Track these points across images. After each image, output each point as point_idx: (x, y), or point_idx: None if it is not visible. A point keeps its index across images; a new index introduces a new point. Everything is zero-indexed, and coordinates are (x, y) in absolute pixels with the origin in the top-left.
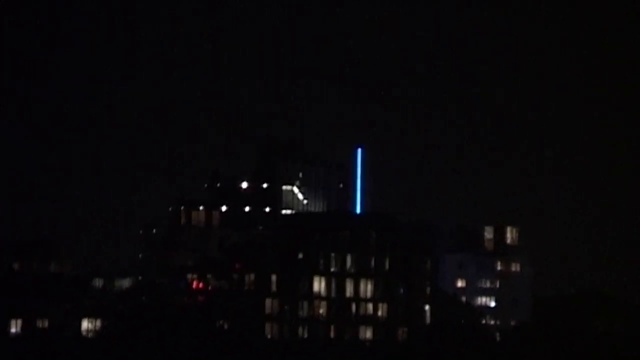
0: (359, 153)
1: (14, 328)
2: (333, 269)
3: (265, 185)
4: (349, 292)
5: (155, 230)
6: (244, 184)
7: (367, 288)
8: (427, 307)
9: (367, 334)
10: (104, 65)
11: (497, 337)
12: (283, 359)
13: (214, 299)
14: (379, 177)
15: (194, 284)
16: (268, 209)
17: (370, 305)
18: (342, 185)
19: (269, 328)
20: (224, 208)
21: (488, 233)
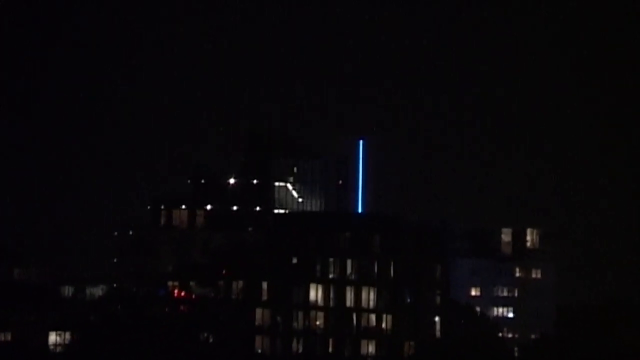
0: (361, 146)
1: None
2: (331, 276)
3: (255, 182)
4: (350, 301)
5: (132, 232)
6: (232, 180)
7: (369, 297)
8: (436, 318)
9: (369, 349)
10: (74, 57)
11: (515, 352)
12: None
13: (198, 309)
14: (383, 173)
15: (175, 293)
16: (258, 208)
17: (373, 317)
18: (341, 182)
19: (260, 342)
20: (209, 207)
21: (505, 236)
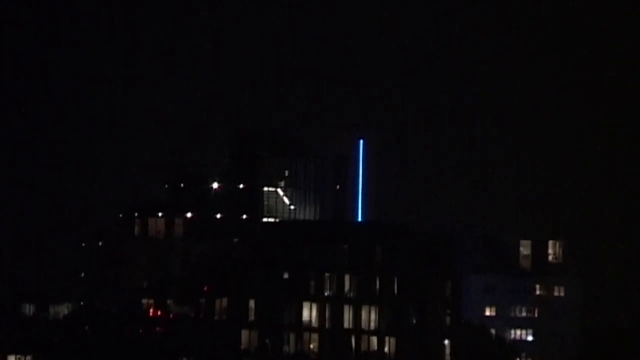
0: (361, 146)
1: None
2: (327, 293)
3: (242, 186)
4: (348, 322)
5: (101, 243)
6: (215, 184)
7: (370, 317)
8: (446, 341)
9: None
10: (39, 54)
11: None
12: None
13: (176, 330)
14: (386, 176)
15: (151, 311)
16: (245, 216)
17: (375, 339)
18: (339, 186)
19: None
20: (189, 214)
21: (524, 248)
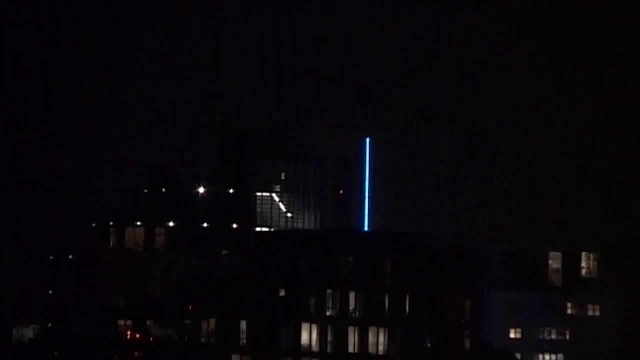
0: (367, 146)
1: None
2: (330, 313)
3: (232, 191)
4: (353, 346)
5: (72, 257)
6: (201, 189)
7: (378, 340)
8: None
9: None
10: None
11: None
12: None
13: (158, 356)
14: (395, 180)
15: (128, 334)
16: (235, 226)
17: None
18: (342, 192)
19: None
20: (172, 224)
21: (554, 261)
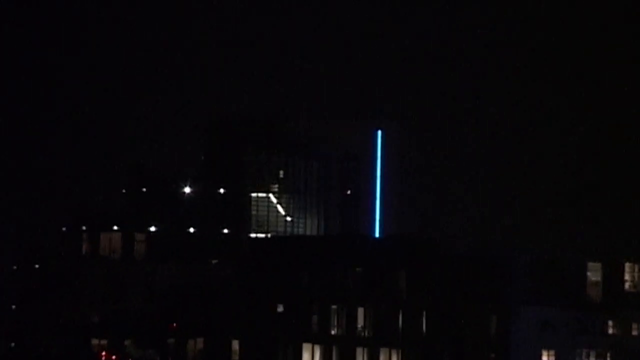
0: (379, 139)
1: None
2: (335, 332)
3: (222, 191)
4: None
5: (39, 266)
6: (187, 189)
7: None
8: None
9: None
10: None
11: None
12: None
13: None
14: (411, 180)
15: (103, 355)
16: (226, 231)
17: None
18: (349, 192)
19: None
20: (153, 228)
21: (593, 273)
